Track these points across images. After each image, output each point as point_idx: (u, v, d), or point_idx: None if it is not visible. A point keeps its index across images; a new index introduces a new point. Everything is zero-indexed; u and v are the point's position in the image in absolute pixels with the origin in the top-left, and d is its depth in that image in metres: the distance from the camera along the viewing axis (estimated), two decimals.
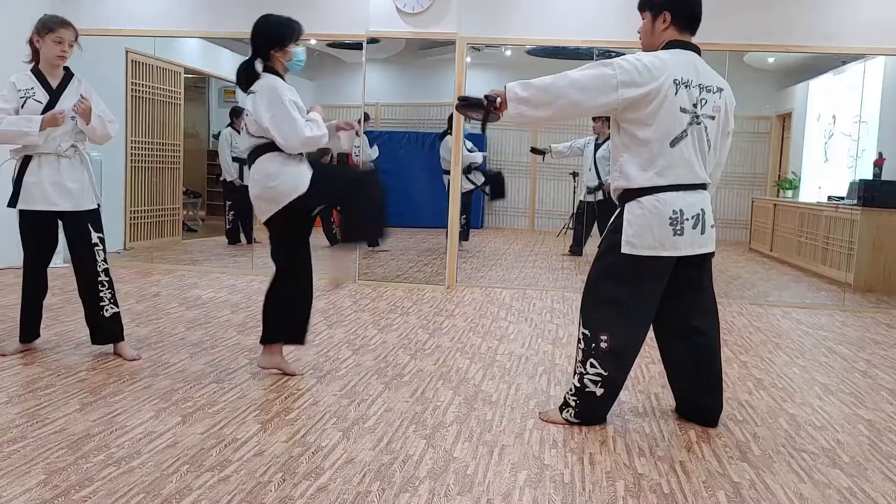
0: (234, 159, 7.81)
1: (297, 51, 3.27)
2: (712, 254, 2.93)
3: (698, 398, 2.98)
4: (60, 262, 6.04)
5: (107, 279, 3.59)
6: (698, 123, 2.76)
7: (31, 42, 3.51)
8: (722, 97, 2.83)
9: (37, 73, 3.48)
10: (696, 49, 2.83)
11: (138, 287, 5.53)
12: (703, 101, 2.76)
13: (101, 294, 3.56)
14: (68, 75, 3.55)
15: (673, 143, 2.72)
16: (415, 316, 4.90)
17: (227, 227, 7.94)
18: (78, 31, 3.53)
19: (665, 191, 2.74)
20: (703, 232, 2.82)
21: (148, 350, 3.75)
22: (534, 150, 8.33)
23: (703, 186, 2.83)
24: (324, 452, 2.55)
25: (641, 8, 2.91)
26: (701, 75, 2.77)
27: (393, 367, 3.65)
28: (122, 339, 3.64)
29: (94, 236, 3.55)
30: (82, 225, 3.53)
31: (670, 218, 2.73)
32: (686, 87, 2.72)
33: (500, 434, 2.79)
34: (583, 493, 2.33)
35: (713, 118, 2.80)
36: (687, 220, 2.76)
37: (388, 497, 2.23)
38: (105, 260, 3.60)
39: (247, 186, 3.18)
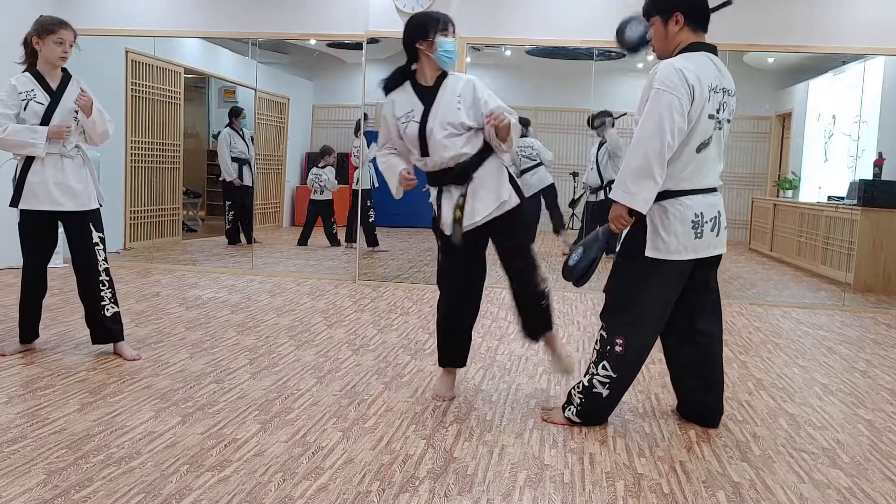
0: (234, 159, 7.81)
1: (443, 40, 2.92)
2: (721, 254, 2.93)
3: (700, 398, 2.98)
4: (60, 262, 6.04)
5: (107, 279, 3.59)
6: (719, 128, 2.75)
7: (26, 44, 3.49)
8: (733, 101, 2.82)
9: (35, 74, 3.47)
10: (714, 49, 2.79)
11: (138, 287, 5.52)
12: (724, 105, 2.75)
13: (102, 293, 3.56)
14: (67, 76, 3.54)
15: (699, 149, 2.71)
16: (415, 316, 4.89)
17: (227, 227, 7.94)
18: (76, 30, 3.52)
19: (688, 194, 2.72)
20: (718, 234, 2.81)
21: (148, 350, 3.75)
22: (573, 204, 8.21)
23: (716, 189, 2.83)
24: (324, 452, 2.55)
25: (648, 14, 2.83)
26: (723, 78, 2.75)
27: (393, 367, 3.65)
28: (123, 339, 3.64)
29: (95, 236, 3.55)
30: (84, 225, 3.53)
31: (692, 221, 2.72)
32: (715, 92, 2.70)
33: (500, 434, 2.79)
34: (583, 493, 2.33)
35: (729, 122, 2.81)
36: (706, 222, 2.75)
37: (388, 497, 2.23)
38: (105, 259, 3.60)
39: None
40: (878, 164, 6.64)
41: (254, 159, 7.83)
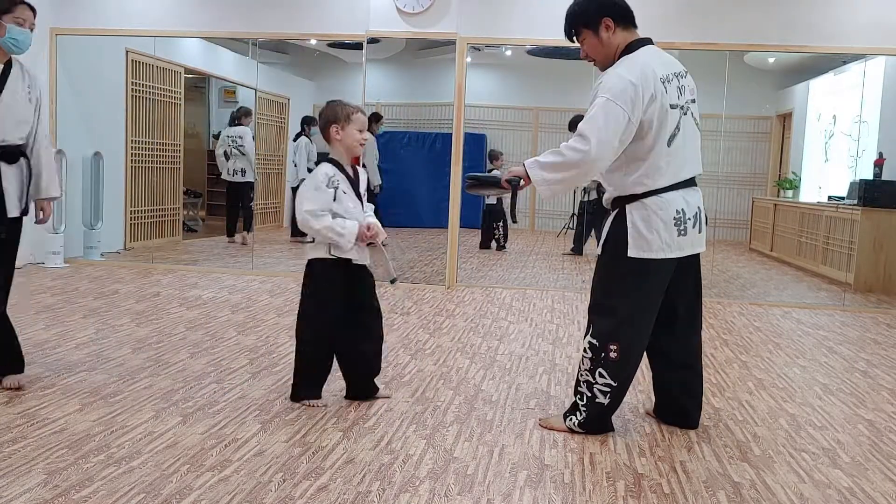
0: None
1: (14, 28, 2.99)
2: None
3: (683, 402, 2.95)
4: (61, 263, 6.05)
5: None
6: (685, 113, 2.73)
7: None
8: (689, 78, 2.80)
9: None
10: (650, 41, 2.79)
11: (138, 287, 5.52)
12: (682, 89, 2.73)
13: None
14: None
15: (670, 142, 2.69)
16: (415, 316, 4.89)
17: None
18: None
19: (667, 191, 2.70)
20: (700, 231, 2.80)
21: (148, 350, 3.75)
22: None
23: (695, 181, 2.81)
24: (324, 452, 2.55)
25: (575, 32, 2.84)
26: (669, 65, 2.74)
27: (393, 367, 3.65)
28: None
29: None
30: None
31: (674, 218, 2.70)
32: (668, 81, 2.68)
33: (500, 434, 2.79)
34: (583, 493, 2.33)
35: (694, 101, 2.79)
36: (689, 219, 2.73)
37: (388, 497, 2.23)
38: None
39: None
40: (879, 163, 6.65)
41: None
